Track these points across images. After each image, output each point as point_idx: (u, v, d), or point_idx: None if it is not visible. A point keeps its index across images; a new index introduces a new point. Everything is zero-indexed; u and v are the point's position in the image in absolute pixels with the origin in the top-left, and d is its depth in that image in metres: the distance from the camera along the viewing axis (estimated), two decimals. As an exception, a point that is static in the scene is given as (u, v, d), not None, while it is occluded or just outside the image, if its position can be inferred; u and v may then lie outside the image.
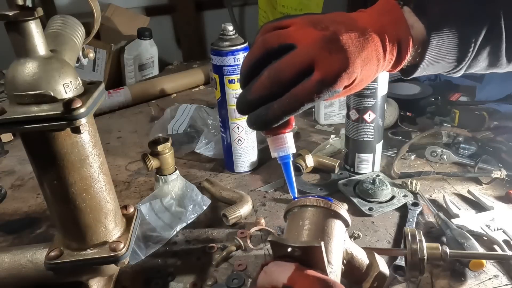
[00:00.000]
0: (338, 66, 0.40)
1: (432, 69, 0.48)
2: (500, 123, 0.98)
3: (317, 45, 0.40)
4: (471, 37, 0.45)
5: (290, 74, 0.41)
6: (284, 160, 0.50)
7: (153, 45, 1.57)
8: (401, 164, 0.89)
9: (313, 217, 0.48)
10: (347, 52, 0.40)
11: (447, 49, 0.45)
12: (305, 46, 0.41)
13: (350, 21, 0.43)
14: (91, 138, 0.50)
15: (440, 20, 0.44)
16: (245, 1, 2.07)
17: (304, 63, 0.41)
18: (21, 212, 0.83)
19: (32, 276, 0.55)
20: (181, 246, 0.70)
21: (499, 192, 0.77)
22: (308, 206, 0.49)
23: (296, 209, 0.50)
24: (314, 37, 0.41)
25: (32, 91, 0.44)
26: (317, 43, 0.40)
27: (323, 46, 0.40)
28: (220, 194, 0.81)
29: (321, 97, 0.41)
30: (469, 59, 0.46)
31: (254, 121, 0.44)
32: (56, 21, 0.56)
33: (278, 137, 0.48)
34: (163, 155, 0.77)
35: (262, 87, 0.42)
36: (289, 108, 0.42)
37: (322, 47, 0.40)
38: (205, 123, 1.01)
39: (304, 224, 0.47)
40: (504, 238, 0.64)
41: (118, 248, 0.52)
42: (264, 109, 0.43)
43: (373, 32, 0.42)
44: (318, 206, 0.48)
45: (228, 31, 0.79)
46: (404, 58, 0.45)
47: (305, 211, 0.49)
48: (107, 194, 0.53)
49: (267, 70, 0.42)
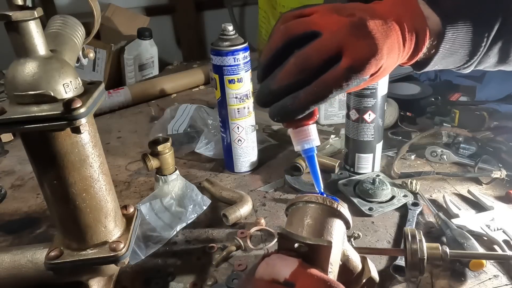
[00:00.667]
0: (366, 52, 0.39)
1: (444, 63, 0.47)
2: (500, 123, 0.98)
3: (344, 31, 0.39)
4: (484, 32, 0.44)
5: (318, 61, 0.40)
6: (308, 153, 0.48)
7: (153, 45, 1.57)
8: (401, 164, 0.89)
9: (317, 215, 0.47)
10: (375, 38, 0.40)
11: (461, 42, 0.45)
12: (332, 32, 0.40)
13: (370, 10, 0.42)
14: (91, 138, 0.50)
15: (454, 13, 0.44)
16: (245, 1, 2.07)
17: (332, 49, 0.40)
18: (21, 212, 0.83)
19: (32, 276, 0.55)
20: (181, 246, 0.70)
21: (499, 192, 0.77)
22: (314, 203, 0.48)
23: (301, 204, 0.49)
24: (340, 23, 0.40)
25: (32, 91, 0.44)
26: (344, 29, 0.40)
27: (351, 32, 0.39)
28: (220, 194, 0.81)
29: (350, 85, 0.40)
30: (480, 54, 0.46)
31: (278, 112, 0.42)
32: (56, 21, 0.56)
33: (302, 129, 0.46)
34: (163, 155, 0.77)
35: (289, 75, 0.41)
36: (317, 97, 0.40)
37: (350, 33, 0.39)
38: (205, 123, 1.01)
39: (307, 220, 0.46)
40: (504, 238, 0.64)
41: (118, 248, 0.52)
42: (290, 98, 0.41)
43: (394, 21, 0.41)
44: (324, 204, 0.48)
45: (228, 31, 0.79)
46: (421, 49, 0.44)
47: (310, 207, 0.48)
48: (107, 194, 0.53)
49: (293, 57, 0.41)
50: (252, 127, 0.87)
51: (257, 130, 0.92)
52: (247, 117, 0.86)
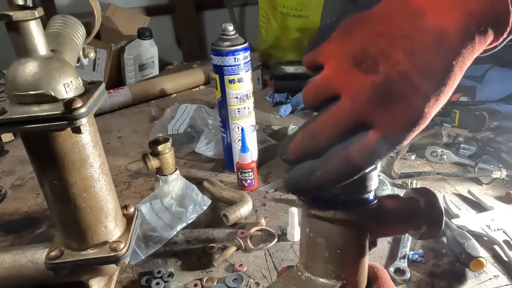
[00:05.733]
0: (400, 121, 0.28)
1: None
2: (500, 123, 0.98)
3: (366, 98, 0.29)
4: None
5: (330, 136, 0.31)
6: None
7: (153, 45, 1.57)
8: (401, 164, 0.89)
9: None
10: (409, 99, 0.28)
11: None
12: (351, 101, 0.29)
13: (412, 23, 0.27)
14: (92, 138, 0.50)
15: None
16: (245, 1, 2.07)
17: (350, 123, 0.30)
18: (21, 212, 0.83)
19: (33, 276, 0.55)
20: (181, 246, 0.70)
21: (499, 192, 0.77)
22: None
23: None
24: (361, 86, 0.29)
25: (32, 91, 0.44)
26: (366, 95, 0.29)
27: (375, 99, 0.28)
28: (220, 194, 0.81)
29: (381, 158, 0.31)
30: None
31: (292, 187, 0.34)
32: (56, 21, 0.56)
33: None
34: (163, 155, 0.77)
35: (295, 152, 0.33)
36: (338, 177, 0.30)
37: (374, 101, 0.28)
38: (205, 123, 1.01)
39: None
40: (504, 238, 0.64)
41: (119, 248, 0.52)
42: (305, 174, 0.32)
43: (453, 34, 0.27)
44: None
45: (228, 31, 0.79)
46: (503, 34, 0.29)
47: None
48: (107, 194, 0.53)
49: (301, 131, 0.33)
50: (252, 127, 0.87)
51: (257, 130, 0.92)
52: (247, 117, 0.86)
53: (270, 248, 0.68)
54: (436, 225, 0.37)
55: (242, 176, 0.83)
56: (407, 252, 0.63)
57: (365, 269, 0.37)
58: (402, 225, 0.38)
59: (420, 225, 0.37)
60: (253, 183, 0.84)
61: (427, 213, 0.36)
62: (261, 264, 0.65)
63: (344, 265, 0.35)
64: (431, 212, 0.37)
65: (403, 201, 0.38)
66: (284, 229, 0.71)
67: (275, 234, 0.70)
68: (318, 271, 0.36)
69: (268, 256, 0.66)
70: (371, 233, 0.36)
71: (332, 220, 0.34)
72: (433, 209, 0.37)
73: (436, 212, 0.37)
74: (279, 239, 0.69)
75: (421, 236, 0.38)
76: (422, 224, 0.37)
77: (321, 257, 0.35)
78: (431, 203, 0.37)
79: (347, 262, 0.35)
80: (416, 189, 0.39)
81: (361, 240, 0.35)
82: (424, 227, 0.37)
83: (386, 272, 0.40)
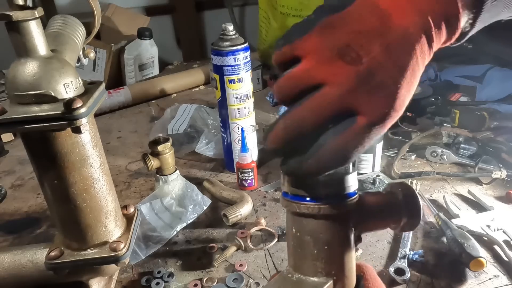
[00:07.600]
0: (381, 107, 0.32)
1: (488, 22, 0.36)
2: (500, 123, 0.98)
3: (351, 85, 0.31)
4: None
5: (316, 122, 0.33)
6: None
7: (153, 45, 1.57)
8: (401, 164, 0.89)
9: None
10: (389, 88, 0.31)
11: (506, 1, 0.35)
12: (337, 88, 0.32)
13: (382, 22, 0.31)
14: (92, 138, 0.50)
15: None
16: (245, 1, 2.07)
17: (336, 109, 0.32)
18: (21, 212, 0.83)
19: (32, 276, 0.55)
20: (181, 246, 0.70)
21: (499, 192, 0.77)
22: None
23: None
24: (346, 75, 0.32)
25: (32, 91, 0.44)
26: (351, 83, 0.31)
27: (360, 86, 0.31)
28: (220, 194, 0.81)
29: (368, 144, 0.33)
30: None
31: (291, 172, 0.35)
32: (56, 21, 0.56)
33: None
34: (163, 155, 0.77)
35: (277, 139, 0.34)
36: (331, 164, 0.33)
37: (359, 89, 0.31)
38: (205, 123, 1.01)
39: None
40: (504, 238, 0.64)
41: (119, 248, 0.52)
42: (295, 162, 0.34)
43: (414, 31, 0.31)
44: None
45: (228, 31, 0.79)
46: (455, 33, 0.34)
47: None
48: (107, 194, 0.53)
49: (282, 118, 0.33)
50: (252, 127, 0.87)
51: (257, 130, 0.92)
52: (247, 117, 0.86)
53: (270, 248, 0.68)
54: (415, 217, 0.38)
55: (242, 176, 0.83)
56: (407, 252, 0.63)
57: (353, 265, 0.38)
58: (383, 218, 0.39)
59: (400, 218, 0.38)
60: (253, 183, 0.84)
61: (406, 206, 0.38)
62: (261, 264, 0.65)
63: (332, 261, 0.36)
64: (409, 204, 0.38)
65: (383, 196, 0.40)
66: (284, 229, 0.71)
67: (275, 234, 0.70)
68: (308, 270, 0.36)
69: (268, 256, 0.66)
70: (355, 228, 0.37)
71: (316, 216, 0.35)
72: (411, 201, 0.38)
73: (414, 204, 0.38)
74: (279, 239, 0.69)
75: (402, 228, 0.39)
76: (402, 217, 0.38)
77: (310, 255, 0.36)
78: (408, 195, 0.38)
79: (335, 257, 0.36)
80: (394, 184, 0.40)
81: (346, 234, 0.37)
82: (404, 219, 0.38)
83: (372, 269, 0.41)
